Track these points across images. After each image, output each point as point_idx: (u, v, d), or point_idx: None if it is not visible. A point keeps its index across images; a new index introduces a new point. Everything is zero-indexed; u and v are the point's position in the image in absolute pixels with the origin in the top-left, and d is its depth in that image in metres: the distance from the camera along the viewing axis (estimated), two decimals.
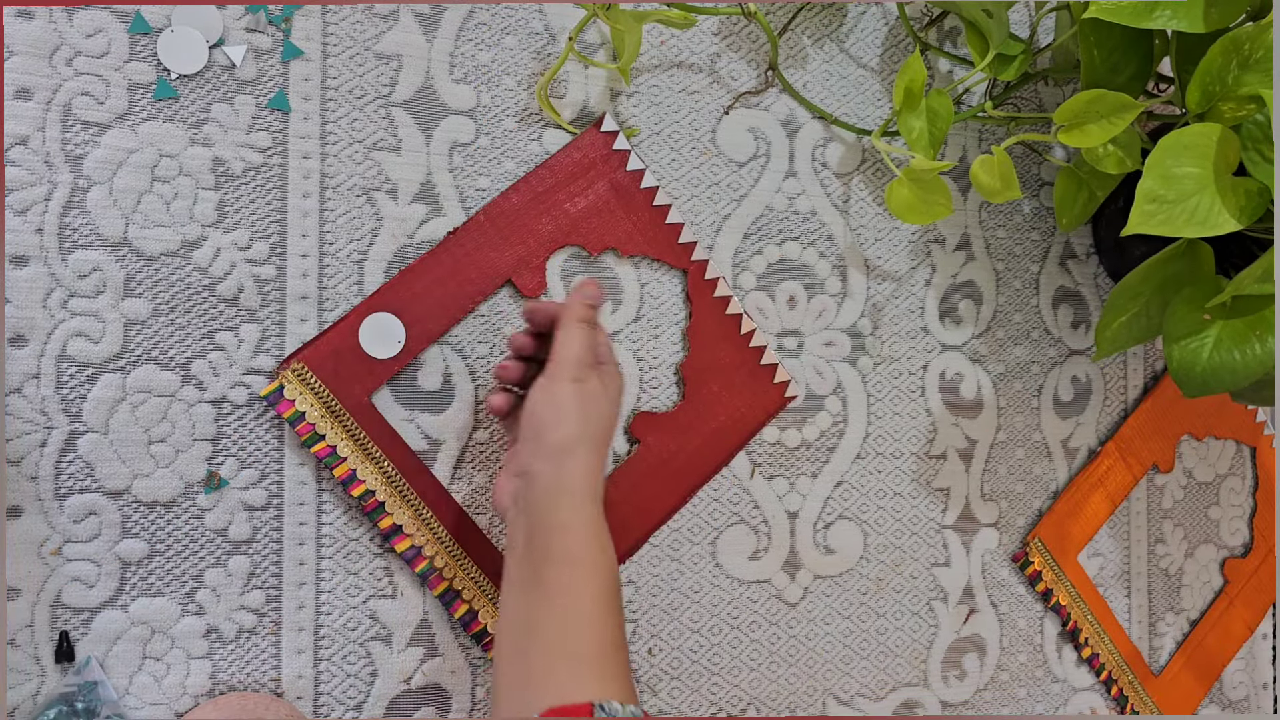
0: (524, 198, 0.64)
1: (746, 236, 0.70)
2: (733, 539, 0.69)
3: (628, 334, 0.67)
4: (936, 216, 0.66)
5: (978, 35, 0.67)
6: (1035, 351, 0.79)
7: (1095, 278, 0.81)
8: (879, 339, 0.74)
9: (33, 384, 0.55)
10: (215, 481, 0.58)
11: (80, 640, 0.55)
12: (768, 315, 0.70)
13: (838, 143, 0.73)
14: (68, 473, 0.55)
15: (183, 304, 0.57)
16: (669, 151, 0.68)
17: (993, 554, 0.77)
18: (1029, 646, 0.78)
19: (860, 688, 0.73)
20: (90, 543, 0.56)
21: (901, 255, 0.74)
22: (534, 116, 0.65)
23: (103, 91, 0.56)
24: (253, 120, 0.59)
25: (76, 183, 0.56)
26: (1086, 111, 0.59)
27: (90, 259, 0.56)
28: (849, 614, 0.73)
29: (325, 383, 0.59)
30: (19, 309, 0.54)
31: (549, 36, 0.65)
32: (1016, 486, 0.78)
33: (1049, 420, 0.79)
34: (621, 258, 0.67)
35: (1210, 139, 0.56)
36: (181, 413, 0.57)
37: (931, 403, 0.75)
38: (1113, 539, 0.81)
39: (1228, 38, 0.56)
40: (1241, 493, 0.87)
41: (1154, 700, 0.81)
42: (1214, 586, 0.86)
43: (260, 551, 0.59)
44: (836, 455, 0.72)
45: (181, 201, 0.57)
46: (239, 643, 0.58)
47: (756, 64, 0.70)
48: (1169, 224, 0.56)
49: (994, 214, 0.77)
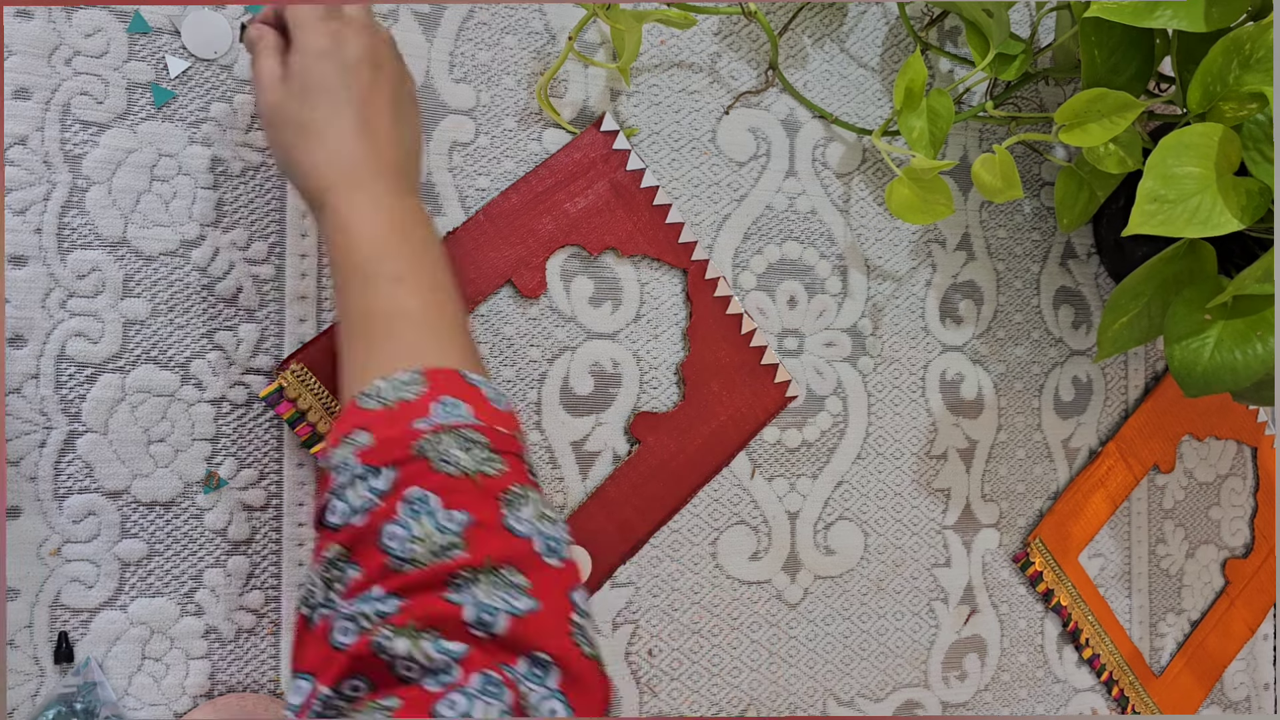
0: (524, 197, 0.64)
1: (747, 236, 0.70)
2: (733, 539, 0.69)
3: (628, 334, 0.67)
4: (937, 216, 0.66)
5: (978, 35, 0.67)
6: (1036, 351, 0.79)
7: (1096, 278, 0.81)
8: (879, 339, 0.74)
9: (32, 384, 0.55)
10: (214, 481, 0.58)
11: (79, 641, 0.55)
12: (768, 315, 0.70)
13: (838, 142, 0.73)
14: (67, 473, 0.55)
15: (181, 304, 0.57)
16: (669, 151, 0.68)
17: (993, 554, 0.77)
18: (1030, 647, 0.78)
19: (861, 688, 0.73)
20: (89, 543, 0.56)
21: (902, 255, 0.74)
22: (534, 116, 0.65)
23: (102, 91, 0.56)
24: (252, 119, 0.59)
25: (75, 182, 0.55)
26: (1087, 111, 0.59)
27: (89, 259, 0.56)
28: (849, 615, 0.72)
29: (324, 384, 0.59)
30: (18, 309, 0.54)
31: (549, 36, 0.65)
32: (1017, 487, 0.78)
33: (1050, 420, 0.79)
34: (621, 257, 0.67)
35: (1211, 139, 0.56)
36: (180, 413, 0.57)
37: (932, 403, 0.75)
38: (1114, 539, 0.81)
39: (1229, 37, 0.56)
40: (1242, 493, 0.87)
41: (1155, 701, 0.81)
42: (1215, 587, 0.86)
43: (259, 552, 0.59)
44: (837, 456, 0.72)
45: (180, 201, 0.57)
46: (238, 643, 0.58)
47: (757, 64, 0.70)
48: (1170, 224, 0.56)
49: (995, 214, 0.77)
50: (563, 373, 0.65)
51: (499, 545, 0.40)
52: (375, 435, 0.42)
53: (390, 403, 0.43)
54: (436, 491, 0.40)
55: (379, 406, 0.43)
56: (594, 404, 0.66)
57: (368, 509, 0.40)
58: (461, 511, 0.40)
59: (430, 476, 0.41)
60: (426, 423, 0.42)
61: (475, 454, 0.42)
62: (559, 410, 0.65)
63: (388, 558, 0.39)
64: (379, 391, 0.43)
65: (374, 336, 0.46)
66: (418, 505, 0.40)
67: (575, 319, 0.66)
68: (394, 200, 0.49)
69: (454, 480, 0.41)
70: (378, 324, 0.46)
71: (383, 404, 0.43)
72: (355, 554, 0.40)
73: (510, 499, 0.41)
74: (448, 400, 0.43)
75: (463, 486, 0.41)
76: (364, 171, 0.49)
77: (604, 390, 0.66)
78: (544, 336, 0.65)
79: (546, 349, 0.65)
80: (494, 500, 0.41)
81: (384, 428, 0.42)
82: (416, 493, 0.40)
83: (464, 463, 0.41)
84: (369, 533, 0.40)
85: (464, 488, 0.41)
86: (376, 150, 0.50)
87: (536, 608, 0.39)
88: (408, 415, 0.42)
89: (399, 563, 0.39)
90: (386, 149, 0.50)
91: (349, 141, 0.49)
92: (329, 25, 0.50)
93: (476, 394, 0.44)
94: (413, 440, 0.41)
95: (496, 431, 0.43)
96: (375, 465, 0.41)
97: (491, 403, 0.45)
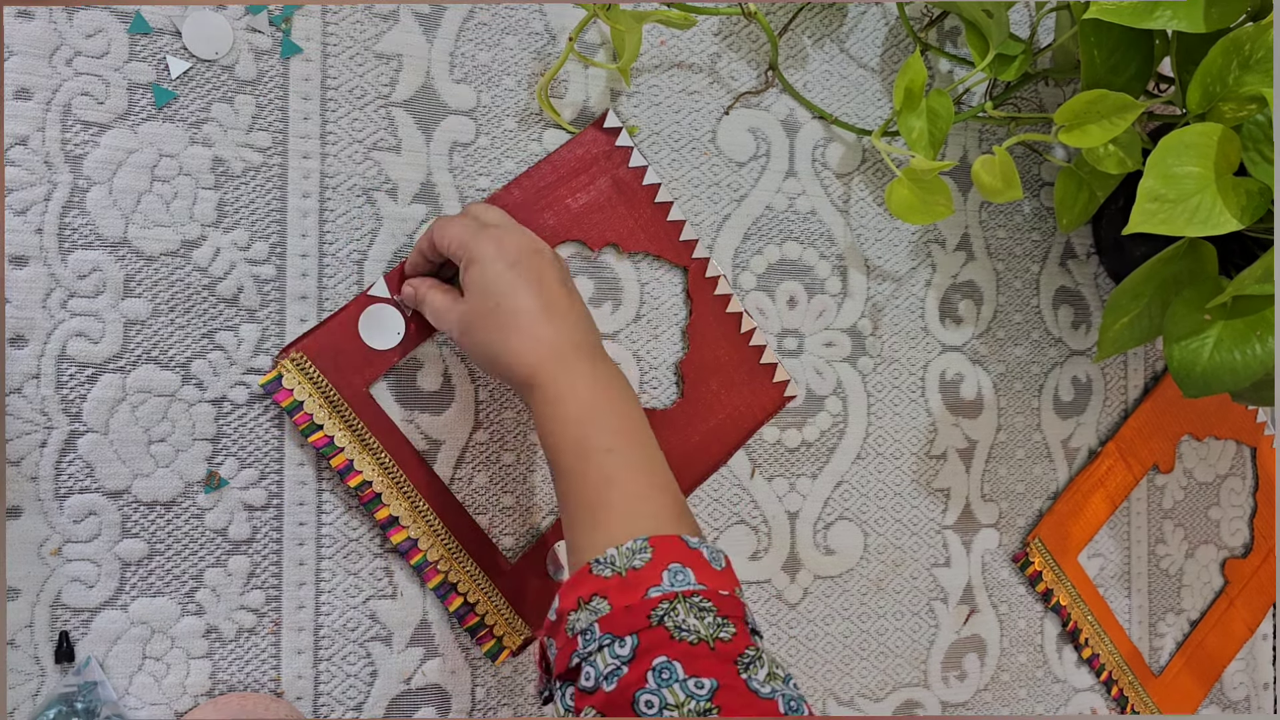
0: (526, 192, 0.64)
1: (747, 236, 0.70)
2: (733, 539, 0.69)
3: (628, 333, 0.67)
4: (937, 217, 0.66)
5: (978, 35, 0.67)
6: (1035, 352, 0.79)
7: (1096, 278, 0.81)
8: (879, 339, 0.74)
9: (32, 384, 0.55)
10: (215, 481, 0.58)
11: (80, 640, 0.55)
12: (768, 315, 0.70)
13: (838, 143, 0.73)
14: (67, 473, 0.55)
15: (182, 304, 0.57)
16: (669, 151, 0.68)
17: (993, 554, 0.77)
18: (1029, 647, 0.78)
19: (860, 688, 0.73)
20: (90, 543, 0.56)
21: (902, 255, 0.74)
22: (534, 116, 0.65)
23: (102, 91, 0.56)
24: (253, 120, 0.59)
25: (76, 183, 0.55)
26: (1087, 112, 0.59)
27: (90, 259, 0.56)
28: (849, 614, 0.73)
29: (324, 372, 0.59)
30: (18, 309, 0.54)
31: (549, 36, 0.65)
32: (1017, 487, 0.78)
33: (1049, 420, 0.79)
34: (621, 255, 0.67)
35: (1211, 139, 0.56)
36: (181, 412, 0.57)
37: (932, 403, 0.75)
38: (1113, 539, 0.81)
39: (1228, 38, 0.56)
40: (1242, 493, 0.87)
41: (1154, 701, 0.81)
42: (1214, 587, 0.86)
43: (260, 551, 0.59)
44: (837, 455, 0.72)
45: (181, 201, 0.57)
46: (239, 643, 0.58)
47: (757, 64, 0.70)
48: (1170, 223, 0.56)
49: (994, 214, 0.77)
50: None
51: (751, 709, 0.43)
52: (612, 603, 0.45)
53: (622, 571, 0.46)
54: (679, 660, 0.43)
55: (612, 574, 0.46)
56: None
57: (616, 675, 0.43)
58: (707, 678, 0.43)
59: (672, 645, 0.44)
60: (659, 590, 0.45)
61: (708, 620, 0.45)
62: None
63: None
64: (611, 559, 0.47)
65: (593, 506, 0.50)
66: (664, 673, 0.43)
67: None
68: (593, 370, 0.53)
69: (693, 648, 0.44)
70: (595, 494, 0.50)
71: (615, 572, 0.46)
72: None
73: (746, 662, 0.44)
74: (675, 567, 0.46)
75: (702, 654, 0.44)
76: (564, 348, 0.52)
77: None
78: None
79: None
80: (732, 665, 0.44)
81: (620, 595, 0.45)
82: (662, 661, 0.43)
83: (700, 630, 0.44)
84: (621, 700, 0.43)
85: (703, 654, 0.44)
86: (567, 327, 0.53)
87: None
88: (641, 583, 0.46)
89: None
90: (574, 323, 0.54)
91: (541, 325, 0.53)
92: (487, 234, 0.54)
93: (698, 558, 0.47)
94: (650, 610, 0.44)
95: (720, 596, 0.46)
96: (617, 635, 0.44)
97: (711, 564, 0.48)
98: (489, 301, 0.53)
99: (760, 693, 0.43)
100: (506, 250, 0.54)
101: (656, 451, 0.53)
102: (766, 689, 0.44)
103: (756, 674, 0.44)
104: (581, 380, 0.52)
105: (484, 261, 0.54)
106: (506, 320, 0.53)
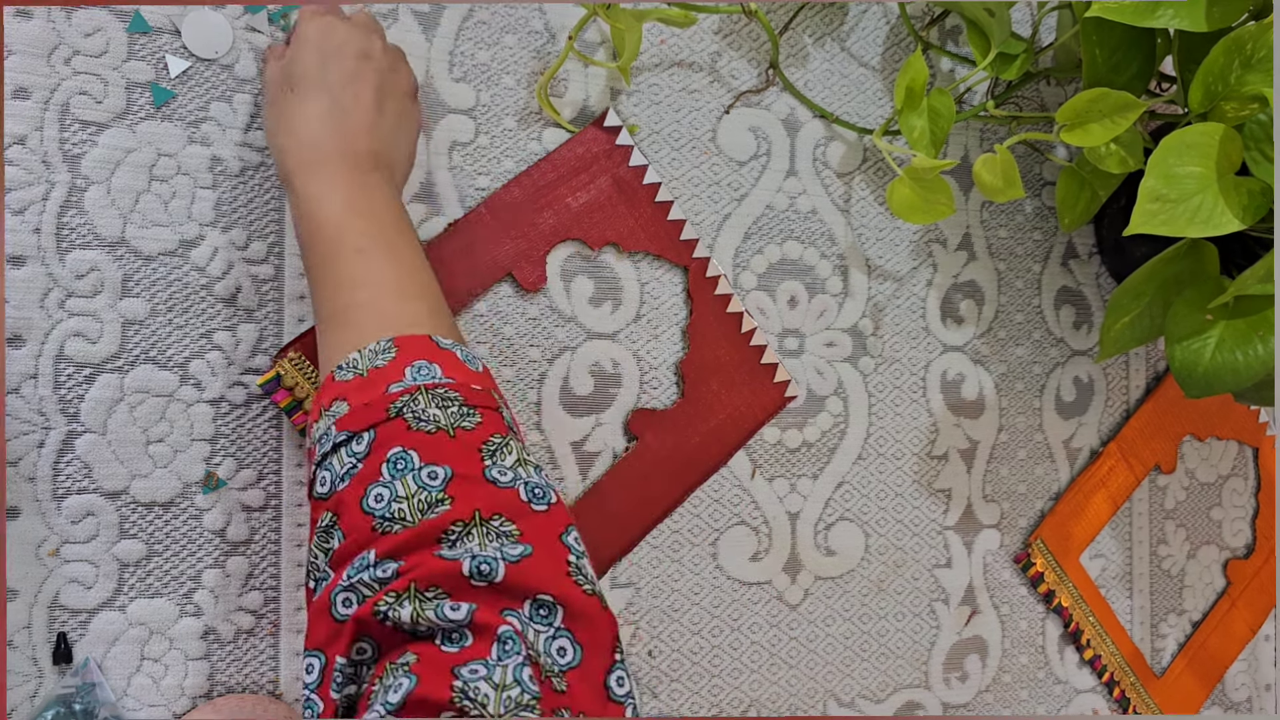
0: (525, 191, 0.64)
1: (747, 236, 0.70)
2: (733, 540, 0.69)
3: (628, 333, 0.67)
4: (938, 216, 0.65)
5: (979, 34, 0.67)
6: (1037, 352, 0.79)
7: (1097, 278, 0.81)
8: (880, 339, 0.73)
9: (30, 384, 0.55)
10: (213, 482, 0.58)
11: (78, 641, 0.55)
12: (768, 315, 0.70)
13: (839, 142, 0.72)
14: (65, 473, 0.55)
15: (180, 303, 0.57)
16: (669, 151, 0.68)
17: (994, 555, 0.77)
18: (1031, 648, 0.78)
19: (861, 689, 0.73)
20: (88, 544, 0.55)
21: (903, 255, 0.74)
22: (534, 115, 0.65)
23: (101, 91, 0.56)
24: (251, 119, 0.59)
25: (74, 182, 0.55)
26: (1089, 111, 0.59)
27: (88, 259, 0.56)
28: (850, 615, 0.72)
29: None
30: (16, 309, 0.54)
31: (549, 35, 0.65)
32: (1018, 487, 0.78)
33: (1051, 421, 0.79)
34: (622, 255, 0.67)
35: (1213, 138, 0.56)
36: (179, 413, 0.57)
37: (933, 403, 0.75)
38: (1115, 540, 0.81)
39: (1230, 37, 0.56)
40: (1244, 494, 0.87)
41: (1156, 702, 0.81)
42: (1216, 588, 0.86)
43: (258, 552, 0.59)
44: (837, 456, 0.72)
45: (179, 201, 0.57)
46: (237, 644, 0.58)
47: (757, 63, 0.70)
48: (1171, 223, 0.56)
49: (996, 214, 0.77)
50: (563, 373, 0.65)
51: (485, 497, 0.40)
52: (351, 403, 0.42)
53: (364, 372, 0.44)
54: (415, 449, 0.41)
55: (353, 376, 0.44)
56: (594, 404, 0.66)
57: (351, 473, 0.41)
58: (442, 466, 0.40)
59: (408, 435, 0.41)
60: (400, 385, 0.43)
61: (451, 410, 0.42)
62: (559, 410, 0.65)
63: (374, 519, 0.39)
64: (353, 363, 0.44)
65: (343, 311, 0.47)
66: (399, 464, 0.40)
67: (575, 319, 0.65)
68: (352, 178, 0.49)
69: (431, 437, 0.41)
70: (344, 298, 0.47)
71: (356, 374, 0.44)
72: (343, 519, 0.40)
73: (491, 450, 0.42)
74: (420, 364, 0.44)
75: (441, 442, 0.41)
76: (328, 153, 0.50)
77: (604, 390, 0.66)
78: (544, 336, 0.65)
79: (546, 349, 0.65)
80: (475, 453, 0.42)
81: (359, 395, 0.43)
82: (396, 452, 0.41)
83: (440, 419, 0.42)
84: (354, 496, 0.40)
85: (442, 443, 0.41)
86: (344, 134, 0.50)
87: (530, 552, 0.39)
88: (382, 381, 0.43)
89: (386, 523, 0.39)
90: (358, 135, 0.51)
91: (314, 125, 0.50)
92: (323, 19, 0.52)
93: (449, 356, 0.45)
94: (388, 403, 0.42)
95: (470, 389, 0.44)
96: (354, 430, 0.42)
97: (465, 364, 0.45)
98: (285, 88, 0.51)
99: (499, 481, 0.41)
100: (330, 39, 0.51)
101: (417, 257, 0.50)
102: (507, 476, 0.41)
103: (501, 460, 0.42)
104: (336, 188, 0.49)
105: (301, 42, 0.51)
106: (287, 112, 0.51)
